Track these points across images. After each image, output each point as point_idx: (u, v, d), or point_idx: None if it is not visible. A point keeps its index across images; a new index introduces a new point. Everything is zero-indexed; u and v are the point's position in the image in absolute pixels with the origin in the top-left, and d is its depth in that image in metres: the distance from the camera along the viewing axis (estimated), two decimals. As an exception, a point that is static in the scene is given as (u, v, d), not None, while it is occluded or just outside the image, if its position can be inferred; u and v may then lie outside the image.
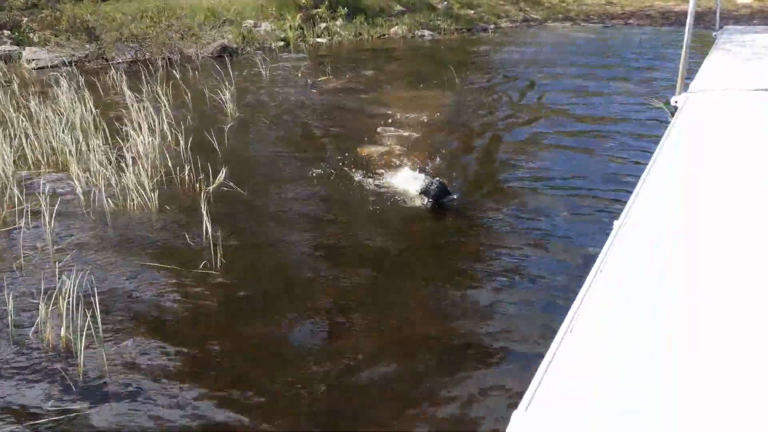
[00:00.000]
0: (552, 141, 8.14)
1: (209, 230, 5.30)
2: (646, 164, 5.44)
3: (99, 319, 4.10)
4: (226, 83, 9.86)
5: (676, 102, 7.75)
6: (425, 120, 8.96)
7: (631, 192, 4.91)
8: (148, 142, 7.32)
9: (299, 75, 11.51)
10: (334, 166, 7.17)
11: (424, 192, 6.16)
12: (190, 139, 7.54)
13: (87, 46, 13.89)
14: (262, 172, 7.29)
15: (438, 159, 7.39)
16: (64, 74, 10.60)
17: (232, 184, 6.60)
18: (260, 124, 9.07)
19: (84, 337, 3.95)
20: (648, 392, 2.76)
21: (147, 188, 6.25)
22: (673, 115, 7.49)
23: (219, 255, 5.07)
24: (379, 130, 8.55)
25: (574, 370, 2.96)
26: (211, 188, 6.47)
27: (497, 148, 8.01)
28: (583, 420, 2.65)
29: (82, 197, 6.25)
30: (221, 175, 6.65)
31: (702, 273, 3.73)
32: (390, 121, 8.94)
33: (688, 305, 3.40)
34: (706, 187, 4.96)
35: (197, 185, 6.51)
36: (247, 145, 8.21)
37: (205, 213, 5.37)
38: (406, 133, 8.37)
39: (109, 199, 6.20)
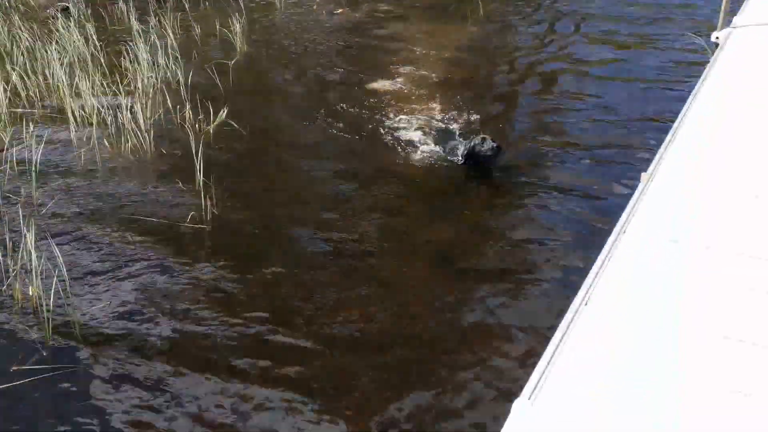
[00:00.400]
0: (582, 82, 7.52)
1: (200, 180, 4.89)
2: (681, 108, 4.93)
3: (66, 276, 3.80)
4: (237, 14, 9.34)
5: (717, 38, 7.06)
6: (447, 57, 8.35)
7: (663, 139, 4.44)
8: (149, 78, 6.91)
9: (314, 7, 10.90)
10: (344, 108, 6.71)
11: (471, 154, 5.18)
12: (194, 75, 7.13)
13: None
14: (266, 111, 6.87)
15: (460, 103, 6.82)
16: (72, 3, 10.15)
17: (233, 123, 6.19)
18: (269, 59, 8.58)
19: (53, 294, 3.68)
20: (670, 381, 2.38)
21: (143, 128, 5.89)
22: (713, 53, 6.87)
23: (210, 208, 4.71)
24: (397, 68, 7.99)
25: (588, 351, 2.58)
26: (210, 128, 6.09)
27: (523, 90, 7.44)
28: (597, 413, 2.29)
29: (74, 138, 5.91)
30: (222, 114, 6.24)
31: (737, 237, 3.29)
32: (409, 58, 8.37)
33: (721, 276, 2.99)
34: (748, 136, 4.45)
35: (196, 125, 6.12)
36: (254, 81, 7.76)
37: (198, 161, 4.97)
38: (426, 73, 7.80)
39: (103, 140, 5.86)
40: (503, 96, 7.35)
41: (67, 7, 10.24)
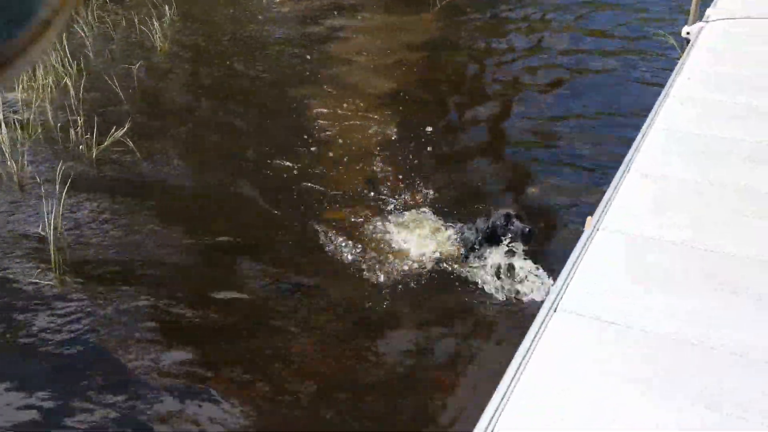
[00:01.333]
0: (546, 85, 6.79)
1: (58, 224, 4.01)
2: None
3: None
4: (166, 7, 8.36)
5: (688, 33, 6.38)
6: (403, 60, 7.35)
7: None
8: (37, 86, 5.99)
9: (255, -6, 9.93)
10: (274, 137, 5.68)
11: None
12: (95, 82, 6.23)
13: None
14: (173, 129, 5.85)
15: (416, 128, 5.74)
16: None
17: (129, 142, 5.28)
18: (190, 62, 7.59)
19: None
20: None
21: (15, 150, 4.99)
22: (683, 49, 6.14)
23: (61, 261, 3.83)
24: (344, 76, 6.93)
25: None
26: (94, 151, 5.19)
27: (488, 96, 6.63)
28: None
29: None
30: (117, 133, 5.34)
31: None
32: (359, 62, 7.36)
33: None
34: (722, 136, 4.01)
35: (81, 146, 5.23)
36: (167, 89, 6.80)
37: (60, 199, 4.08)
38: (380, 83, 6.74)
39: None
40: (455, 108, 6.50)
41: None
